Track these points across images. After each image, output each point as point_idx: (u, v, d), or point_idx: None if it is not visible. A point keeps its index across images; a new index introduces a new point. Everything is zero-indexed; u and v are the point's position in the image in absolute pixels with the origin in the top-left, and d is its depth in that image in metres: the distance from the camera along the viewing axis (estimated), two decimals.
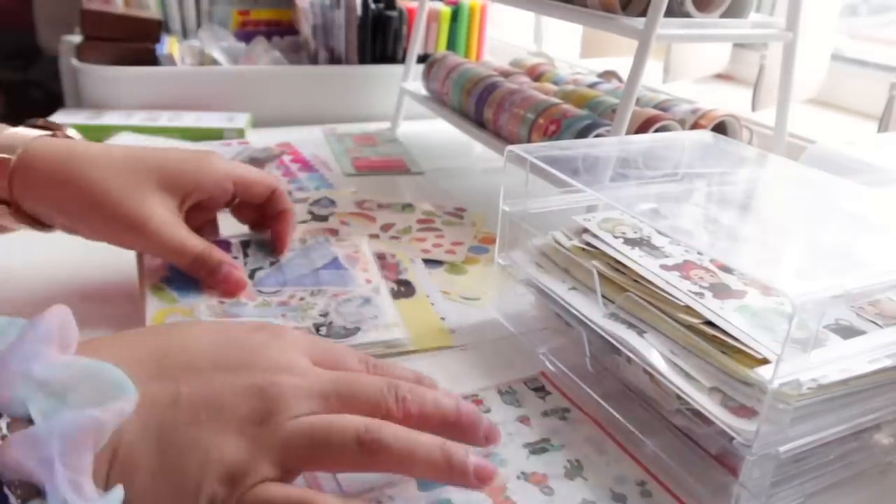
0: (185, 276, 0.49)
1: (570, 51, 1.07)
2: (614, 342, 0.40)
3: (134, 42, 0.95)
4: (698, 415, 0.36)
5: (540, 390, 0.43)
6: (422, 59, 0.96)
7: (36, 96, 2.11)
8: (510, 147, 0.46)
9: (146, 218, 0.47)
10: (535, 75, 0.87)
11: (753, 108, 0.82)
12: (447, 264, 0.60)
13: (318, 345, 0.36)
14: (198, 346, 0.33)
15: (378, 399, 0.33)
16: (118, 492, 0.27)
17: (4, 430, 0.26)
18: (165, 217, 0.48)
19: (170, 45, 0.99)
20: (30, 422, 0.26)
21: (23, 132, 0.48)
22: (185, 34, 1.14)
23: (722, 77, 1.05)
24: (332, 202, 0.70)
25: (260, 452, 0.30)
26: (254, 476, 0.30)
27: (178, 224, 0.49)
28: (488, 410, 0.40)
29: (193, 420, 0.30)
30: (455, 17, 1.07)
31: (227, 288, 0.49)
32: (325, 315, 0.48)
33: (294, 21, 1.17)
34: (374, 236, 0.63)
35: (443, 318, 0.51)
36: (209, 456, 0.29)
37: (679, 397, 0.36)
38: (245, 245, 0.54)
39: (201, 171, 0.50)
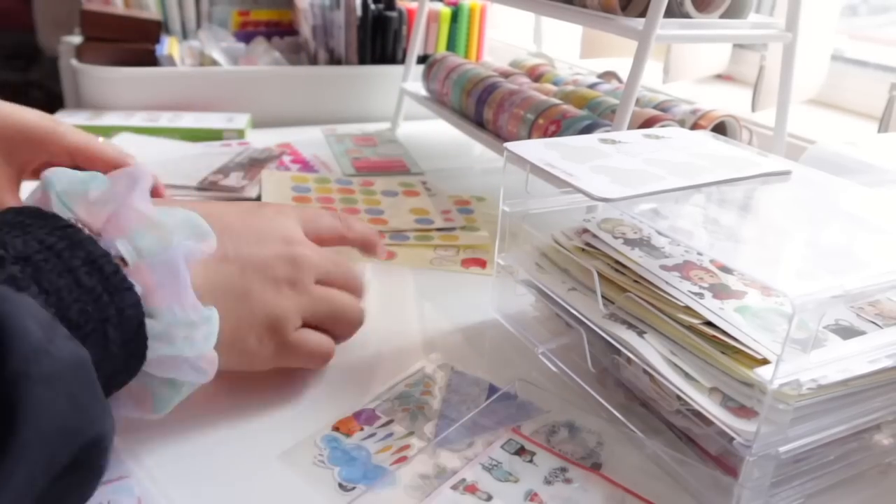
0: None
1: (569, 51, 1.07)
2: (614, 342, 0.40)
3: (134, 43, 0.96)
4: (698, 415, 0.36)
5: (522, 452, 0.39)
6: (422, 59, 0.96)
7: (36, 97, 2.11)
8: (508, 144, 0.46)
9: None
10: (535, 76, 0.87)
11: (753, 109, 0.82)
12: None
13: (305, 213, 0.44)
14: (230, 215, 0.40)
15: (354, 278, 0.45)
16: (213, 310, 0.34)
17: (133, 255, 0.32)
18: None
19: (170, 46, 0.99)
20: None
21: None
22: (184, 35, 1.14)
23: (722, 77, 1.05)
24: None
25: (295, 308, 0.40)
26: (292, 325, 0.40)
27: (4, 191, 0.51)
28: (489, 498, 0.35)
29: (242, 275, 0.38)
30: (455, 17, 1.07)
31: None
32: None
33: (294, 21, 1.17)
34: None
35: None
36: (259, 305, 0.38)
37: (679, 398, 0.36)
38: None
39: (43, 146, 0.51)
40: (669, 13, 0.57)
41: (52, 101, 1.01)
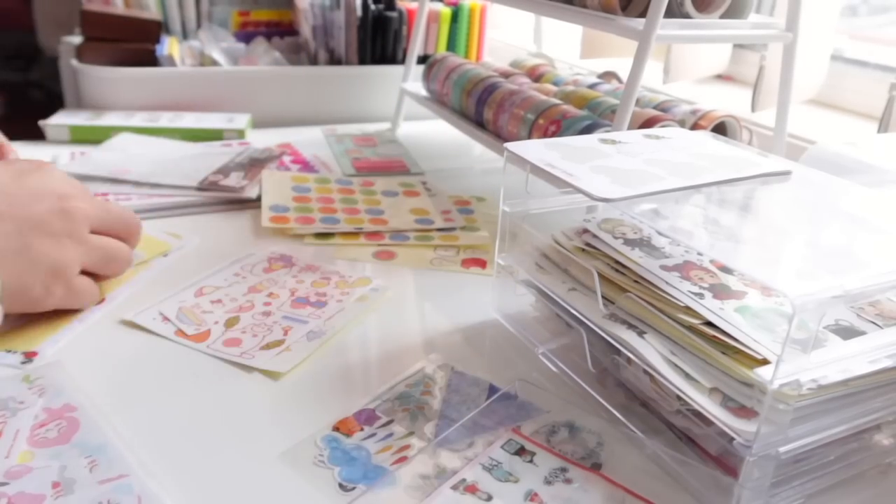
0: None
1: (570, 51, 1.07)
2: (614, 342, 0.40)
3: (134, 43, 0.96)
4: (698, 415, 0.36)
5: (522, 452, 0.39)
6: (422, 59, 0.96)
7: (36, 97, 2.11)
8: (508, 144, 0.46)
9: None
10: (535, 76, 0.87)
11: (753, 109, 0.82)
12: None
13: (66, 176, 0.49)
14: (3, 177, 0.45)
15: (128, 220, 0.52)
16: None
17: None
18: None
19: (170, 46, 0.99)
20: None
21: None
22: (185, 35, 1.14)
23: (722, 78, 1.05)
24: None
25: (74, 257, 0.46)
26: (72, 272, 0.46)
27: None
28: (490, 498, 0.35)
29: (19, 232, 0.43)
30: (455, 17, 1.07)
31: None
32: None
33: (294, 22, 1.17)
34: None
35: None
36: (40, 258, 0.44)
37: (679, 398, 0.36)
38: None
39: None
40: (669, 13, 0.57)
41: (52, 101, 1.01)
